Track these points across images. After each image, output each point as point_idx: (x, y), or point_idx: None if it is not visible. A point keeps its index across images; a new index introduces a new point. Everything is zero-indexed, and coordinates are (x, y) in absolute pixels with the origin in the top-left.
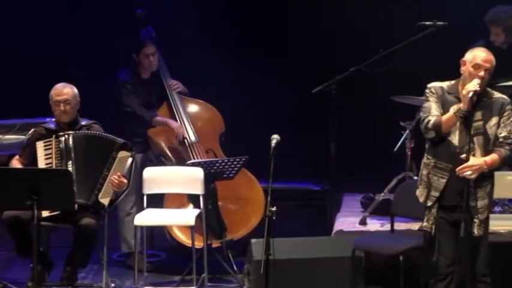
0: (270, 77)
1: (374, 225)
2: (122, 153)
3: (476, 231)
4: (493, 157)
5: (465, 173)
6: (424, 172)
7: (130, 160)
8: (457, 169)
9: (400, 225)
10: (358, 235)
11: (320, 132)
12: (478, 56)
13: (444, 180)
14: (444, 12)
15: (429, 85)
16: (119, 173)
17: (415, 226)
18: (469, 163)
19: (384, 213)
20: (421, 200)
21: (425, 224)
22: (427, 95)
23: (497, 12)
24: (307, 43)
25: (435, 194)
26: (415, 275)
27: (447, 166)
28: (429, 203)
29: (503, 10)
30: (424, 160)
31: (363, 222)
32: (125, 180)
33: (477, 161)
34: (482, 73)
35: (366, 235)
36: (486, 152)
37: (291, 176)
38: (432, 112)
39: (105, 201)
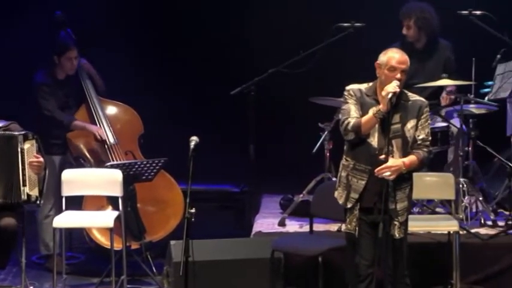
0: (189, 79)
1: (293, 226)
2: (27, 143)
3: (396, 233)
4: (411, 158)
5: (384, 174)
6: (343, 174)
7: (36, 146)
8: (375, 170)
9: (319, 226)
10: (277, 236)
11: (239, 134)
12: (392, 58)
13: (363, 182)
14: (362, 13)
15: (347, 87)
16: (34, 154)
17: (333, 227)
18: (388, 164)
19: (302, 215)
20: (341, 201)
21: (347, 226)
22: (346, 97)
23: (409, 6)
24: (226, 44)
25: (355, 195)
26: (334, 276)
27: (366, 168)
28: (349, 205)
29: (416, 4)
30: (343, 162)
31: (281, 223)
32: (41, 158)
33: (396, 162)
34: (398, 75)
35: (284, 236)
36: (404, 154)
37: (210, 178)
38: (351, 114)
39: (34, 192)
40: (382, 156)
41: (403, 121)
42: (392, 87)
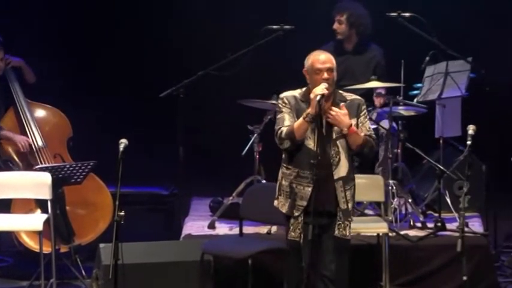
0: (118, 82)
1: (223, 229)
2: None
3: (347, 232)
4: (359, 132)
5: (332, 113)
6: (285, 183)
7: None
8: (328, 108)
9: (248, 229)
10: (206, 239)
11: (168, 136)
12: (315, 60)
13: (310, 189)
14: (292, 16)
15: (281, 95)
16: None
17: (263, 230)
18: (338, 111)
19: (232, 217)
20: (284, 210)
21: (291, 233)
22: (280, 106)
23: (344, 2)
24: (155, 46)
25: (302, 203)
26: (264, 279)
27: (310, 174)
28: (296, 213)
29: (351, 2)
30: (283, 170)
31: (211, 226)
32: None
33: (347, 118)
34: (325, 75)
35: (214, 239)
36: (350, 153)
37: (140, 181)
38: (285, 123)
39: None
40: (313, 161)
41: None
42: (321, 89)
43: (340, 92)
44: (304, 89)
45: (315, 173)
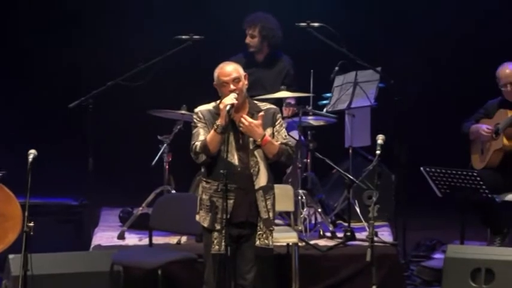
0: (26, 92)
1: (132, 239)
2: None
3: (270, 242)
4: (274, 141)
5: (244, 122)
6: (205, 197)
7: None
8: (241, 116)
9: (158, 239)
10: (116, 250)
11: (78, 147)
12: (220, 74)
13: (231, 201)
14: (202, 25)
15: (196, 110)
16: None
17: (173, 240)
18: (252, 120)
19: (142, 228)
20: (206, 224)
21: (215, 247)
22: (195, 120)
23: (255, 15)
24: (64, 57)
25: (223, 215)
26: None
27: (232, 186)
28: (218, 227)
29: (262, 14)
30: (203, 184)
31: (121, 236)
32: None
33: (261, 128)
34: (231, 87)
35: (124, 250)
36: (268, 163)
37: (49, 191)
38: (200, 138)
39: None
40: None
41: None
42: (230, 99)
43: (255, 101)
44: (218, 102)
45: (224, 184)
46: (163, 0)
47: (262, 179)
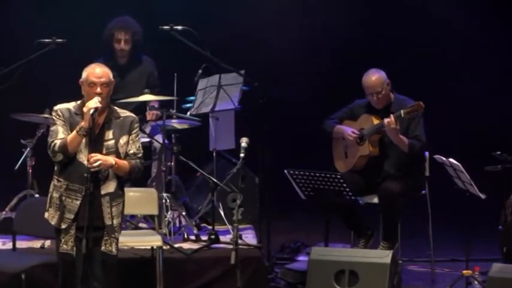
0: None
1: None
2: None
3: (114, 249)
4: (124, 161)
5: (95, 164)
6: (55, 195)
7: None
8: (89, 155)
9: (22, 244)
10: None
11: None
12: (91, 73)
13: (78, 202)
14: (65, 28)
15: (56, 107)
16: None
17: (37, 244)
18: (101, 157)
19: (5, 232)
20: (53, 222)
21: (63, 246)
22: (54, 118)
23: (124, 19)
24: None
25: (70, 216)
26: None
27: (80, 188)
28: (64, 226)
29: (130, 18)
30: (55, 183)
31: None
32: None
33: (109, 158)
34: (98, 89)
35: None
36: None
37: None
38: (59, 136)
39: None
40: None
41: (116, 137)
42: (94, 102)
43: (115, 108)
44: (79, 102)
45: (88, 187)
46: (24, 4)
47: (110, 186)
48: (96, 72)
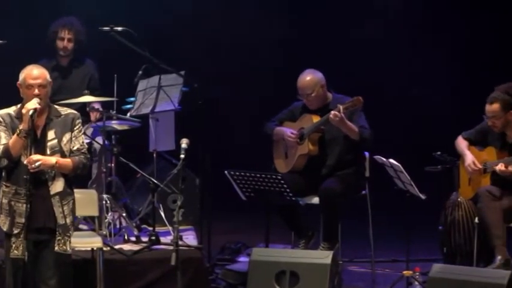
0: None
1: None
2: None
3: (68, 247)
4: (66, 160)
5: (34, 164)
6: (5, 201)
7: None
8: (28, 158)
9: None
10: None
11: None
12: (27, 75)
13: (28, 206)
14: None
15: None
16: None
17: None
18: (41, 157)
19: None
20: (5, 228)
21: (14, 251)
22: None
23: (68, 19)
24: None
25: (21, 220)
26: None
27: (33, 191)
28: (16, 231)
29: (73, 18)
30: (3, 189)
31: None
32: None
33: (50, 158)
34: (36, 91)
35: None
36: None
37: None
38: (1, 142)
39: None
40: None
41: (58, 136)
42: (33, 104)
43: (56, 107)
44: (18, 105)
45: (28, 189)
46: None
47: (58, 185)
48: (33, 73)
